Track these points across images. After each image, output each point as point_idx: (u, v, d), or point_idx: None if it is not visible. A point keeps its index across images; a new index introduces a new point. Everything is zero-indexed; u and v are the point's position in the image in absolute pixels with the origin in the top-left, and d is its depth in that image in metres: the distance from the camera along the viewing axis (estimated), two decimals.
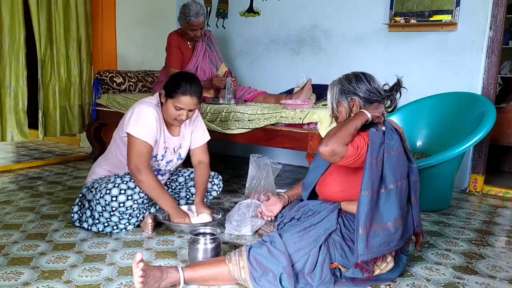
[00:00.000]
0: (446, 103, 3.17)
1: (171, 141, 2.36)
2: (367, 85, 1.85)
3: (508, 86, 4.56)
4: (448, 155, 2.65)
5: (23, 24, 3.44)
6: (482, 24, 3.19)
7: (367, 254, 1.65)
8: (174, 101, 2.19)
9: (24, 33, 3.44)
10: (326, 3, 3.80)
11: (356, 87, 1.84)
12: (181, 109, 2.21)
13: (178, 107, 2.20)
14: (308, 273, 1.65)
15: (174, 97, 2.19)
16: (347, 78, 1.88)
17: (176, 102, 2.19)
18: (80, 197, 2.37)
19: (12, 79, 3.40)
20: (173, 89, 2.19)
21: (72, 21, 3.80)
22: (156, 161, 2.34)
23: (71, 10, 3.78)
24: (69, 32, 3.80)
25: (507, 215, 2.85)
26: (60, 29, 3.73)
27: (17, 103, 3.45)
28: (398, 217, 1.71)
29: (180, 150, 2.43)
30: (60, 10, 3.71)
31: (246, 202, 2.40)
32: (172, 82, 2.23)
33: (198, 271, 1.69)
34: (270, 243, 1.69)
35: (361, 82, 1.85)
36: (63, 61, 3.78)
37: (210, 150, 2.56)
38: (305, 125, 2.61)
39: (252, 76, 4.26)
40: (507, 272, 1.97)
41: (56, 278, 1.76)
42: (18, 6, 3.38)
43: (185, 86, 2.18)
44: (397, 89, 1.87)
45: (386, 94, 1.87)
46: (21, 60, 3.44)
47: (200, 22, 3.20)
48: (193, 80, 2.25)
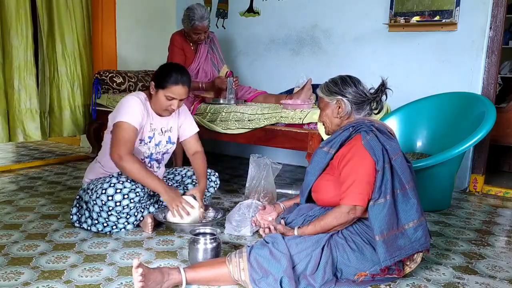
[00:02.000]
0: (446, 103, 3.16)
1: (158, 122, 2.36)
2: (353, 87, 1.88)
3: (508, 86, 4.56)
4: (448, 155, 2.65)
5: (31, 22, 3.44)
6: (482, 24, 3.19)
7: (389, 259, 1.67)
8: (166, 91, 2.22)
9: (32, 31, 3.45)
10: (326, 3, 3.80)
11: (343, 88, 1.88)
12: (173, 99, 2.24)
13: (169, 97, 2.23)
14: (310, 275, 1.65)
15: (165, 87, 2.22)
16: (333, 81, 1.92)
17: (168, 92, 2.22)
18: (78, 199, 2.37)
19: (20, 78, 3.40)
20: (164, 80, 2.22)
21: (71, 21, 3.80)
22: (145, 145, 2.34)
23: (70, 10, 3.78)
24: (69, 32, 3.79)
25: (507, 215, 2.85)
26: (60, 29, 3.73)
27: (25, 102, 3.45)
28: (417, 216, 1.73)
29: (170, 133, 2.43)
30: (60, 10, 3.72)
31: (247, 203, 2.40)
32: (162, 73, 2.25)
33: (200, 272, 1.69)
34: (272, 244, 1.69)
35: (348, 84, 1.89)
36: (63, 61, 3.78)
37: (210, 150, 2.57)
38: (305, 125, 2.61)
39: (252, 76, 4.26)
40: (507, 272, 1.97)
41: (56, 278, 1.76)
42: (25, 4, 3.38)
43: (176, 76, 2.22)
44: (383, 90, 1.89)
45: (372, 96, 1.90)
46: (29, 57, 3.43)
47: (205, 26, 3.19)
48: (183, 70, 2.29)
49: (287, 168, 3.95)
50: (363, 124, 1.82)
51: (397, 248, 1.69)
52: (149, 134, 2.34)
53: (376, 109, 1.93)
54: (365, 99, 1.88)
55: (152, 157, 2.41)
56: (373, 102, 1.90)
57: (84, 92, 3.93)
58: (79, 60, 3.88)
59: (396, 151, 1.78)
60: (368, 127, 1.80)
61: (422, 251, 1.76)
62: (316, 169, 1.92)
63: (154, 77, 2.28)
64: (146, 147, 2.35)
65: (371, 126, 1.81)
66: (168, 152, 2.48)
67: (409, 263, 1.80)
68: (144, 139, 2.33)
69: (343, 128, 1.88)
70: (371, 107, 1.91)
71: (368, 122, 1.83)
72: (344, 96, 1.87)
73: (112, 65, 4.06)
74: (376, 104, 1.91)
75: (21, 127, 3.47)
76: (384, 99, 1.92)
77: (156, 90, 2.25)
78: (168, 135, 2.43)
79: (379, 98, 1.90)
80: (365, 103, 1.89)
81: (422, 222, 1.74)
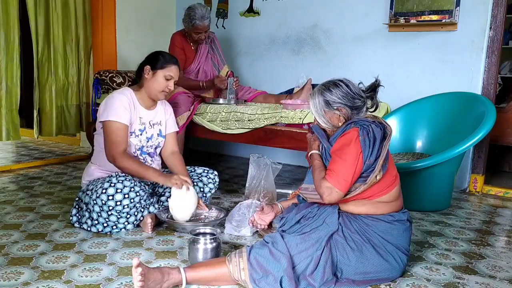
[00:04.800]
0: (446, 103, 3.16)
1: (146, 114, 2.42)
2: (347, 91, 1.86)
3: (508, 86, 4.56)
4: (448, 155, 2.65)
5: (18, 24, 3.43)
6: (482, 24, 3.19)
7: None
8: (166, 70, 2.34)
9: (19, 33, 3.44)
10: (326, 3, 3.80)
11: (340, 96, 1.85)
12: (171, 78, 2.35)
13: (169, 76, 2.34)
14: (310, 275, 1.65)
15: (164, 67, 2.34)
16: (327, 88, 1.88)
17: (168, 71, 2.33)
18: (77, 200, 2.38)
19: (8, 79, 3.39)
20: (162, 61, 2.35)
21: (70, 21, 3.80)
22: (136, 137, 2.38)
23: (69, 10, 3.78)
24: (67, 32, 3.79)
25: (507, 215, 2.85)
26: (58, 29, 3.72)
27: (11, 103, 3.44)
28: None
29: (160, 126, 2.48)
30: (58, 9, 3.71)
31: (247, 203, 2.40)
32: (157, 56, 2.37)
33: (200, 272, 1.69)
34: (272, 244, 1.69)
35: (341, 89, 1.86)
36: (60, 61, 3.77)
37: (210, 150, 2.57)
38: (305, 125, 2.61)
39: (252, 76, 4.26)
40: (507, 272, 1.97)
41: (56, 278, 1.76)
42: (13, 6, 3.37)
43: (170, 56, 2.40)
44: (375, 89, 1.90)
45: (366, 95, 1.90)
46: (15, 60, 3.43)
47: (205, 25, 3.19)
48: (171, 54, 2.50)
49: (287, 168, 3.95)
50: (365, 121, 1.82)
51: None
52: (139, 127, 2.39)
53: (372, 107, 1.93)
54: (360, 100, 1.88)
55: (143, 150, 2.44)
56: (367, 100, 1.91)
57: (80, 92, 3.93)
58: (76, 60, 3.87)
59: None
60: (368, 125, 1.80)
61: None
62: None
63: (148, 61, 2.37)
64: (137, 139, 2.39)
65: (370, 125, 1.80)
66: (159, 145, 2.52)
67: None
68: (134, 131, 2.37)
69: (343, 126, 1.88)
70: (367, 107, 1.92)
71: (371, 119, 1.84)
72: (341, 104, 1.85)
73: (112, 65, 4.06)
74: (371, 102, 1.92)
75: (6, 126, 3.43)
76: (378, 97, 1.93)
77: (153, 72, 2.34)
78: (159, 127, 2.49)
79: (374, 95, 1.91)
80: (361, 104, 1.89)
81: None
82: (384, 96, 3.35)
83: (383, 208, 1.81)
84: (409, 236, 1.86)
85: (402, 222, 1.83)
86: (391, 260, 1.76)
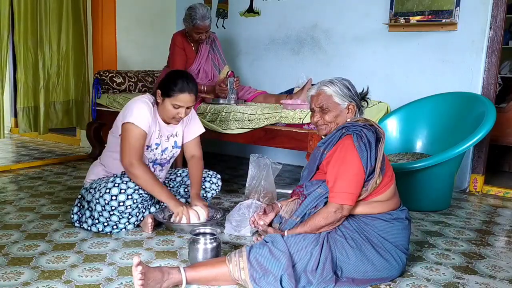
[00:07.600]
0: (446, 103, 3.17)
1: (165, 128, 2.35)
2: (355, 90, 1.96)
3: (508, 86, 4.56)
4: (448, 155, 2.65)
5: (8, 23, 3.42)
6: (482, 24, 3.19)
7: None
8: (173, 99, 2.19)
9: (8, 32, 3.43)
10: (326, 3, 3.80)
11: (354, 92, 1.94)
12: (180, 107, 2.21)
13: (176, 105, 2.20)
14: (310, 271, 1.66)
15: (172, 95, 2.19)
16: (343, 85, 1.94)
17: (175, 101, 2.19)
18: (79, 198, 2.37)
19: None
20: (171, 88, 2.19)
21: (66, 20, 3.80)
22: (151, 151, 2.32)
23: (65, 9, 3.78)
24: (63, 31, 3.79)
25: (507, 215, 2.85)
26: (53, 28, 3.72)
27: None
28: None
29: (176, 138, 2.42)
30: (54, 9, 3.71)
31: (247, 203, 2.40)
32: (169, 81, 2.22)
33: (200, 271, 1.70)
34: (271, 243, 1.69)
35: (353, 88, 1.96)
36: (55, 59, 3.77)
37: (210, 150, 2.57)
38: (305, 125, 2.61)
39: (252, 76, 4.26)
40: (507, 272, 1.97)
41: (56, 278, 1.76)
42: (5, 5, 3.37)
43: (182, 83, 2.19)
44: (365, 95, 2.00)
45: (361, 97, 1.99)
46: (2, 58, 3.42)
47: (206, 25, 3.18)
48: (189, 77, 2.25)
49: (287, 168, 3.95)
50: (357, 126, 1.84)
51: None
52: (156, 141, 2.32)
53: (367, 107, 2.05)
54: (359, 101, 1.97)
55: (156, 162, 2.40)
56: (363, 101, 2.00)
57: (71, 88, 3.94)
58: (73, 59, 3.87)
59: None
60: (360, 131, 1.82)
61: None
62: (313, 167, 1.96)
63: (160, 85, 2.26)
64: (152, 153, 2.33)
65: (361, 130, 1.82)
66: (173, 156, 2.48)
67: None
68: (151, 145, 2.31)
69: (336, 128, 1.91)
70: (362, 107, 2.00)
71: (362, 123, 1.87)
72: (354, 101, 1.93)
73: (112, 65, 4.06)
74: (366, 104, 2.02)
75: None
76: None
77: (162, 99, 2.23)
78: (174, 139, 2.41)
79: (364, 104, 2.00)
80: (362, 105, 1.98)
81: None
82: (384, 96, 3.38)
83: (379, 207, 1.82)
84: (408, 234, 1.87)
85: (401, 220, 1.83)
86: (390, 259, 1.77)
